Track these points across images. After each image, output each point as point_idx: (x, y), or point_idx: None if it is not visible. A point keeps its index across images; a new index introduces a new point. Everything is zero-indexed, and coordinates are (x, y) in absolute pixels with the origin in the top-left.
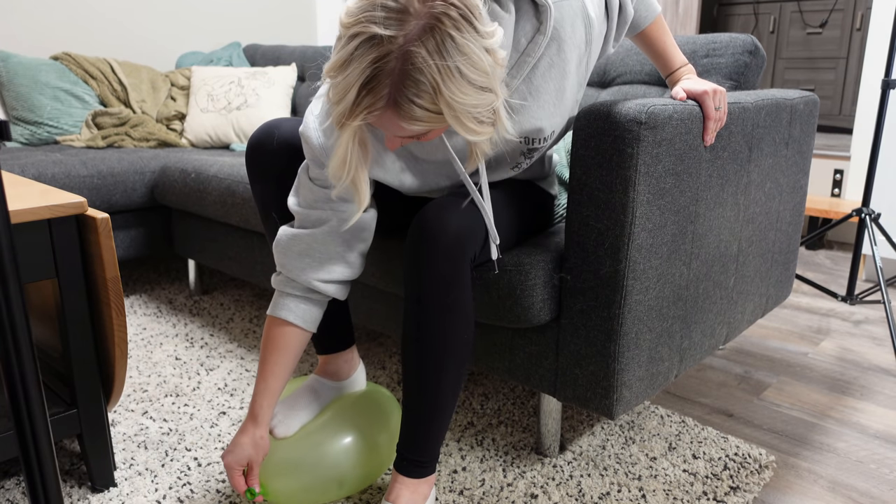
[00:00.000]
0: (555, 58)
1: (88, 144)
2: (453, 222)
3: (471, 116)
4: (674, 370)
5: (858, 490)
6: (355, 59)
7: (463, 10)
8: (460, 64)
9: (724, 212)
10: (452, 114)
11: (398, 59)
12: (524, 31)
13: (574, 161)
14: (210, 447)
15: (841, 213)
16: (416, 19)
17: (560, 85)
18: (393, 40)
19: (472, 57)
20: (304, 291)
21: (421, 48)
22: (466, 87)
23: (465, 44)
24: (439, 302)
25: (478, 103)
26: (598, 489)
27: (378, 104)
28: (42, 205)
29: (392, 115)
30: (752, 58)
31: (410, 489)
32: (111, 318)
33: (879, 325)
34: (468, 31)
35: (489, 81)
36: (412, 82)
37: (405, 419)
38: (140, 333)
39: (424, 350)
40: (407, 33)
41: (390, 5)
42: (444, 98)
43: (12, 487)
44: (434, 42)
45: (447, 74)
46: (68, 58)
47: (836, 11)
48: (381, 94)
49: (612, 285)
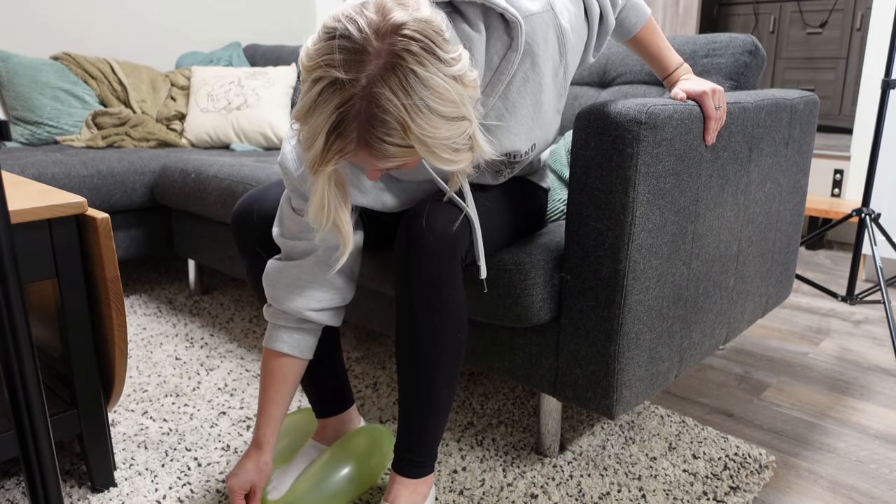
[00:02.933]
0: (529, 72)
1: (88, 144)
2: (440, 223)
3: (445, 147)
4: (674, 370)
5: (858, 490)
6: (319, 106)
7: (424, 41)
8: (427, 99)
9: (724, 212)
10: (425, 149)
11: (362, 101)
12: (496, 49)
13: (574, 161)
14: (210, 447)
15: (841, 213)
16: (377, 58)
17: (537, 99)
18: (355, 83)
19: (439, 89)
20: (296, 322)
21: (384, 88)
22: (436, 121)
23: (429, 77)
24: (429, 303)
25: (450, 134)
26: (598, 489)
27: (349, 147)
28: (42, 205)
29: (365, 154)
30: (752, 58)
31: (409, 489)
32: (111, 318)
33: (879, 325)
34: (431, 64)
35: (460, 110)
36: (379, 123)
37: (401, 420)
38: (140, 333)
39: (417, 350)
40: (369, 74)
41: (348, 46)
42: (415, 135)
43: (12, 487)
44: (397, 80)
45: (414, 112)
46: (68, 58)
47: (836, 11)
48: (350, 137)
49: (612, 285)
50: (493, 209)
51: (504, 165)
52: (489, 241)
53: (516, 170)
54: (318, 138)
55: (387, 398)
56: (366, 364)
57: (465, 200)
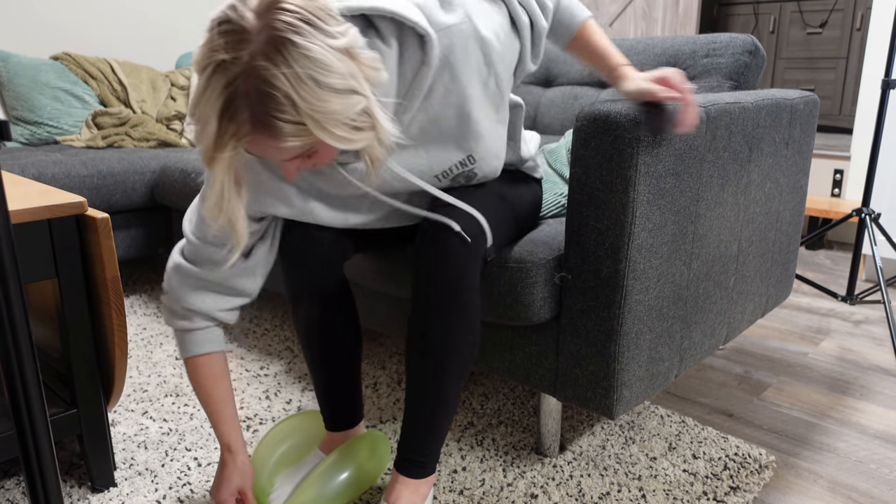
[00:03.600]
0: (449, 85)
1: (88, 144)
2: (466, 221)
3: (339, 124)
4: (674, 370)
5: (858, 490)
6: (208, 91)
7: (303, 14)
8: (310, 70)
9: (725, 212)
10: (317, 125)
11: (247, 78)
12: (410, 64)
13: (574, 161)
14: (210, 447)
15: (841, 213)
16: (257, 35)
17: (462, 111)
18: (237, 61)
19: (323, 60)
20: (208, 322)
21: (266, 62)
22: (323, 94)
23: (310, 47)
24: (449, 303)
25: (342, 108)
26: (598, 489)
27: (243, 129)
28: (42, 205)
29: (263, 137)
30: (752, 58)
31: (410, 490)
32: (111, 318)
33: (879, 325)
34: (312, 35)
35: (350, 83)
36: (267, 98)
37: (407, 420)
38: (140, 333)
39: (430, 350)
40: (251, 51)
41: (229, 29)
42: (303, 109)
43: (12, 487)
44: (278, 53)
45: (298, 83)
46: (68, 58)
47: (836, 11)
48: (241, 117)
49: (612, 285)
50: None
51: (464, 178)
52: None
53: (474, 181)
54: (209, 123)
55: (387, 398)
56: (366, 364)
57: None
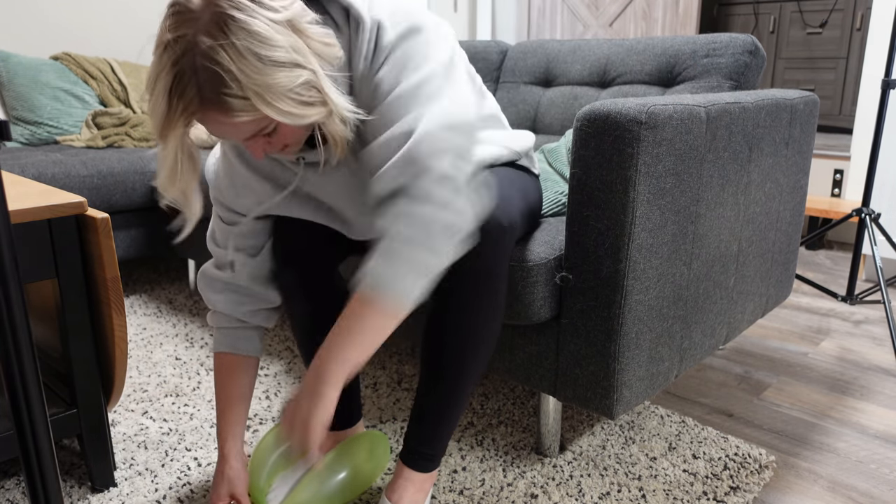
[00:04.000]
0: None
1: (88, 144)
2: (508, 213)
3: (283, 98)
4: (674, 370)
5: (858, 490)
6: (157, 68)
7: None
8: (249, 43)
9: (725, 212)
10: (261, 100)
11: (191, 55)
12: (357, 53)
13: (574, 161)
14: (210, 447)
15: (841, 213)
16: (202, 13)
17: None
18: (182, 39)
19: (262, 33)
20: (236, 323)
21: (208, 38)
22: (265, 67)
23: (248, 20)
24: (479, 292)
25: (285, 81)
26: (598, 489)
27: (192, 106)
28: (42, 205)
29: (212, 113)
30: (752, 58)
31: (416, 486)
32: (111, 318)
33: (879, 325)
34: (252, 10)
35: (293, 56)
36: (212, 74)
37: (419, 411)
38: (140, 333)
39: (453, 341)
40: (195, 29)
41: (177, 10)
42: (245, 84)
43: (12, 487)
44: (219, 29)
45: (238, 58)
46: (68, 58)
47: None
48: (189, 94)
49: (613, 285)
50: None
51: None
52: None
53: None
54: (160, 101)
55: (387, 398)
56: (366, 364)
57: None
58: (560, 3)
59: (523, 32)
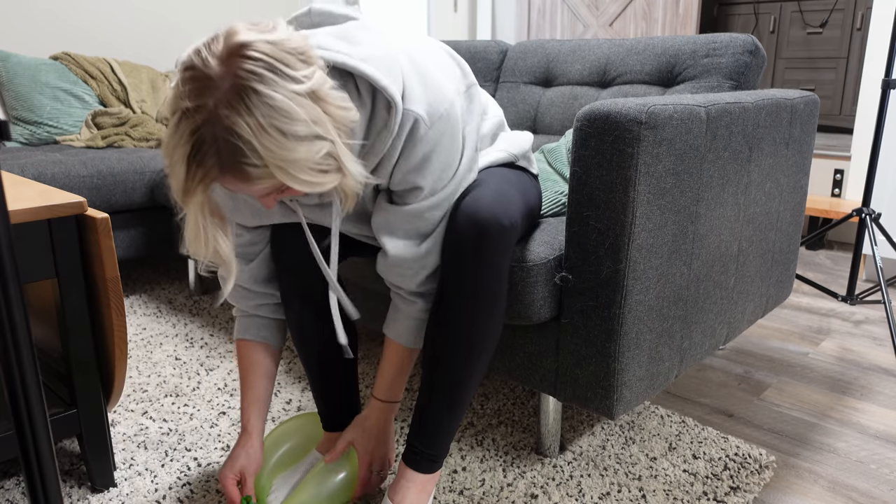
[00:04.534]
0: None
1: (88, 144)
2: (505, 211)
3: (304, 169)
4: (674, 370)
5: (859, 490)
6: (175, 136)
7: (267, 60)
8: (273, 119)
9: (725, 212)
10: (282, 172)
11: (210, 125)
12: (376, 124)
13: (574, 161)
14: (210, 447)
15: (841, 213)
16: (221, 82)
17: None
18: (202, 109)
19: (285, 108)
20: (248, 312)
21: (228, 110)
22: (287, 142)
23: (272, 96)
24: (481, 296)
25: (306, 155)
26: (598, 489)
27: (211, 174)
28: (42, 205)
29: (232, 179)
30: (752, 58)
31: (418, 487)
32: (111, 318)
33: (880, 325)
34: (275, 83)
35: (314, 129)
36: (231, 146)
37: (420, 412)
38: (140, 333)
39: (454, 342)
40: (216, 98)
41: (194, 76)
42: (266, 158)
43: (12, 487)
44: (240, 100)
45: (261, 133)
46: (68, 58)
47: (836, 11)
48: (209, 164)
49: (613, 285)
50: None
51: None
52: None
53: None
54: (178, 168)
55: None
56: (366, 364)
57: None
58: (560, 3)
59: (523, 32)
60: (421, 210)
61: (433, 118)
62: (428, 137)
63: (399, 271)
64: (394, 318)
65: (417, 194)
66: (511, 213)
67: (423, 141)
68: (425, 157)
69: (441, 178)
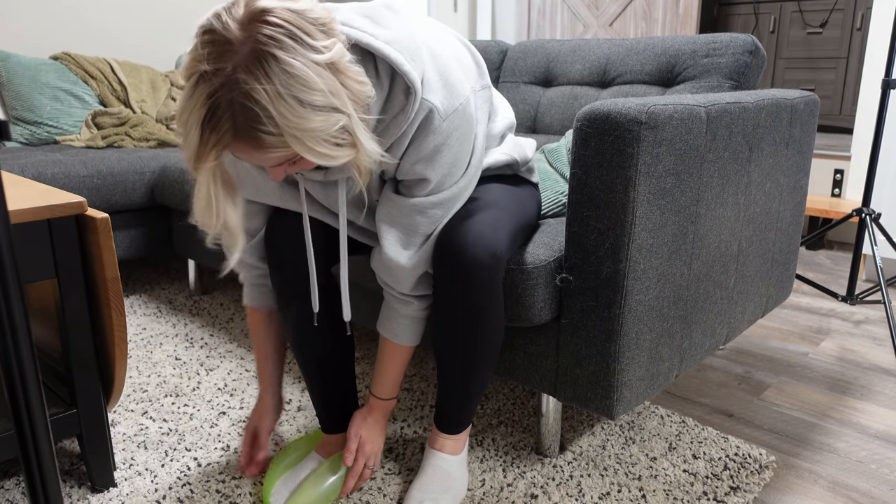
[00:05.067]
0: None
1: (88, 144)
2: (489, 246)
3: (319, 140)
4: (674, 370)
5: (859, 490)
6: (192, 100)
7: (288, 27)
8: (289, 87)
9: (725, 212)
10: (297, 141)
11: (228, 89)
12: (393, 107)
13: (574, 161)
14: (210, 447)
15: (841, 213)
16: (241, 47)
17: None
18: (220, 73)
19: (303, 76)
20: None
21: (247, 74)
22: (303, 111)
23: (291, 63)
24: (475, 322)
25: (322, 126)
26: (598, 489)
27: (224, 139)
28: (42, 205)
29: (245, 146)
30: (752, 58)
31: (452, 439)
32: (111, 318)
33: (880, 325)
34: (294, 50)
35: (331, 100)
36: (248, 111)
37: (440, 398)
38: (140, 333)
39: (459, 355)
40: (234, 63)
41: (213, 39)
42: (282, 125)
43: (12, 487)
44: (259, 66)
45: (278, 100)
46: (68, 58)
47: (836, 11)
48: (223, 128)
49: (613, 285)
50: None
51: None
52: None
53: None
54: (192, 133)
55: None
56: (366, 364)
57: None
58: (560, 3)
59: (523, 32)
60: (424, 205)
61: (448, 111)
62: (441, 129)
63: (391, 273)
64: (388, 317)
65: (424, 186)
66: (495, 246)
67: (436, 132)
68: (436, 148)
69: (450, 173)
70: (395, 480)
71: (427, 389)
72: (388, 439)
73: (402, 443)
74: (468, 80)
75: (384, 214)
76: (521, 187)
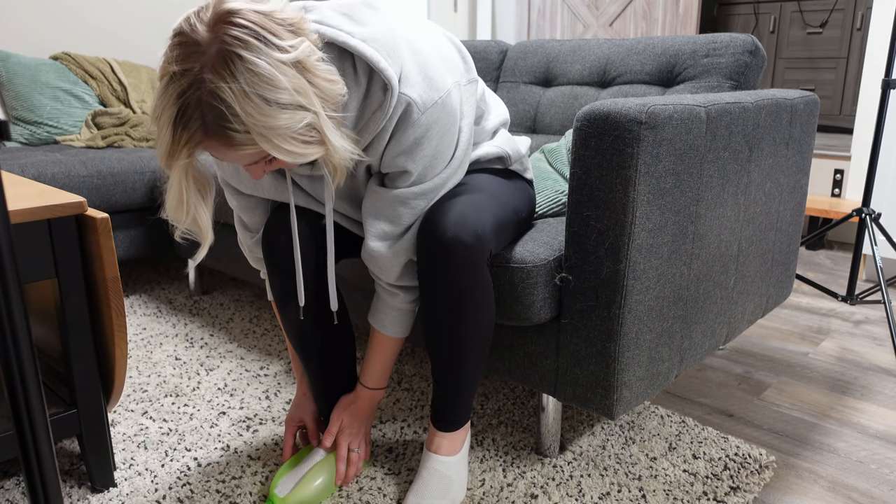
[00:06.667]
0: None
1: (88, 144)
2: (470, 226)
3: (286, 138)
4: (674, 370)
5: (859, 490)
6: (163, 99)
7: (253, 28)
8: (254, 85)
9: (725, 212)
10: (263, 139)
11: (196, 88)
12: (371, 104)
13: (574, 161)
14: (210, 447)
15: (841, 213)
16: (208, 48)
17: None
18: (188, 73)
19: (268, 75)
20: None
21: (213, 74)
22: (268, 108)
23: (256, 62)
24: (459, 305)
25: (288, 124)
26: (598, 489)
27: (196, 137)
28: (42, 205)
29: (217, 144)
30: (752, 58)
31: (449, 439)
32: (111, 318)
33: (880, 325)
34: (260, 50)
35: (297, 98)
36: (214, 109)
37: (434, 393)
38: (140, 333)
39: (445, 341)
40: (202, 63)
41: (182, 41)
42: (248, 124)
43: (12, 487)
44: (225, 65)
45: (243, 98)
46: (68, 58)
47: (836, 11)
48: (193, 127)
49: (613, 285)
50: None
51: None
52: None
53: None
54: (164, 131)
55: (386, 398)
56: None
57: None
58: (560, 3)
59: (523, 32)
60: (406, 196)
61: (427, 104)
62: (420, 122)
63: (376, 262)
64: (377, 308)
65: (406, 178)
66: (477, 227)
67: (415, 125)
68: (416, 141)
69: (432, 165)
70: (395, 480)
71: (427, 389)
72: (388, 439)
73: (402, 443)
74: (452, 75)
75: (369, 206)
76: (511, 180)
